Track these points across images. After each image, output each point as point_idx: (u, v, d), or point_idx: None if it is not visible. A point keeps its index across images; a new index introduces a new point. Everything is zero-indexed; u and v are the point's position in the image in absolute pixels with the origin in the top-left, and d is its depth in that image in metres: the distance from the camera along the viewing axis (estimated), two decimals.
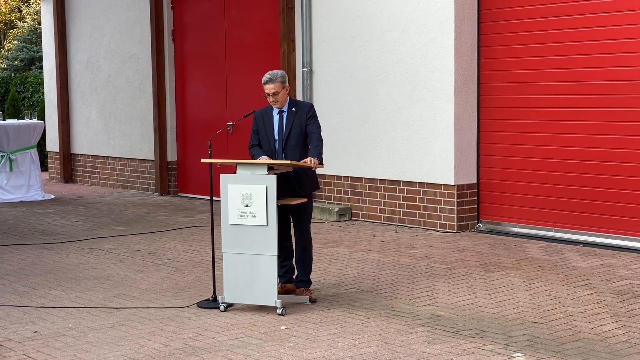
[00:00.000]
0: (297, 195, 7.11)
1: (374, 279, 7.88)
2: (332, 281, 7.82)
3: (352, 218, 11.26)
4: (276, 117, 7.19)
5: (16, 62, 26.56)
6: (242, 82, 12.89)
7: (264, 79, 7.10)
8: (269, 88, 7.08)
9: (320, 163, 7.03)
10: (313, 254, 7.42)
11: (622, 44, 8.97)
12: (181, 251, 9.43)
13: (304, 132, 7.15)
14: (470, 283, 7.64)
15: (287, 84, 7.15)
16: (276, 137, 7.17)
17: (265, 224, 6.73)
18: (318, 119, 7.26)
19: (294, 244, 7.35)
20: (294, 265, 7.36)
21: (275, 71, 7.15)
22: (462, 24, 10.02)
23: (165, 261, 8.91)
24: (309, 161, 6.92)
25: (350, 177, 11.27)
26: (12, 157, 13.67)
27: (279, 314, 6.70)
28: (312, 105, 7.30)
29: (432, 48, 10.18)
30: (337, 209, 11.17)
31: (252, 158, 7.23)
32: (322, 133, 7.23)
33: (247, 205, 6.77)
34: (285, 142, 7.13)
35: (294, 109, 7.18)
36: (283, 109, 7.19)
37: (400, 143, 10.59)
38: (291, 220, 7.29)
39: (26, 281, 8.11)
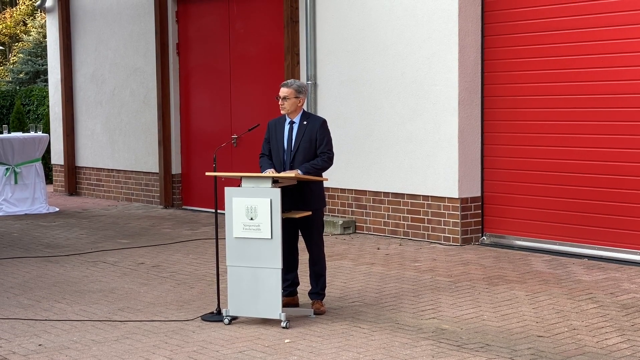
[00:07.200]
0: (303, 209, 7.12)
1: (378, 292, 7.87)
2: (336, 294, 7.81)
3: (356, 231, 11.26)
4: (286, 128, 7.20)
5: (21, 75, 26.61)
6: (247, 95, 12.91)
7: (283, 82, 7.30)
8: (281, 91, 7.18)
9: (308, 173, 7.01)
10: (326, 268, 7.40)
11: (626, 58, 8.97)
12: (185, 264, 9.43)
13: (314, 148, 7.13)
14: (475, 296, 7.64)
15: (302, 97, 7.17)
16: (285, 148, 7.19)
17: (270, 237, 6.74)
18: (330, 136, 7.23)
19: (300, 258, 7.36)
20: (298, 279, 7.37)
21: (297, 80, 7.32)
22: (466, 38, 10.04)
23: (170, 274, 8.91)
24: (293, 174, 6.91)
25: (354, 190, 11.28)
26: (17, 170, 13.70)
27: (283, 327, 6.70)
28: (324, 122, 7.24)
29: (436, 61, 10.20)
30: (341, 222, 11.17)
31: (260, 168, 7.25)
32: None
33: (251, 219, 6.77)
34: (293, 156, 7.14)
35: (305, 122, 7.17)
36: (294, 120, 7.20)
37: (404, 156, 10.60)
38: (300, 235, 7.31)
39: (30, 294, 8.12)
